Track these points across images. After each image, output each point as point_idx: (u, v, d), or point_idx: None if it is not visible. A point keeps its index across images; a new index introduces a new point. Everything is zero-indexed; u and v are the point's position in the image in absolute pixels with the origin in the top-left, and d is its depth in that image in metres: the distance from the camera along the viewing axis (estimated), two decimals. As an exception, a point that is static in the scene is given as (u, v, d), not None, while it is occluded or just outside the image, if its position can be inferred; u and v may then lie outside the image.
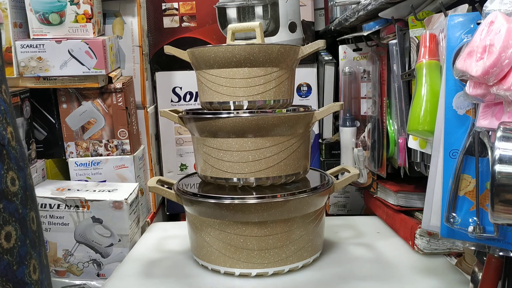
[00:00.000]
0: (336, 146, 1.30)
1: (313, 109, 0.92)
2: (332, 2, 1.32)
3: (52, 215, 1.06)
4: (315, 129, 1.36)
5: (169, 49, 0.95)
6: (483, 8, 0.59)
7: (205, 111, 0.90)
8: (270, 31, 1.32)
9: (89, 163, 1.19)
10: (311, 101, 1.36)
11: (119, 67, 1.27)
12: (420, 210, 0.99)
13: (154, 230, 1.17)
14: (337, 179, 0.97)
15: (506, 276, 0.61)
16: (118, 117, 1.19)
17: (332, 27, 1.27)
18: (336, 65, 1.31)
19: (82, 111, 1.19)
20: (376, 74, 1.08)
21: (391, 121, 1.04)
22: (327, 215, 1.18)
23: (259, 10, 1.31)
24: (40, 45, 1.09)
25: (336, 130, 1.33)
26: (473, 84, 0.58)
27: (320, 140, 1.36)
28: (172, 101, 1.38)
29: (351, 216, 1.23)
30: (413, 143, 0.82)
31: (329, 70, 1.32)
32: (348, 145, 1.19)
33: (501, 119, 0.55)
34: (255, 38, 0.96)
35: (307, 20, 1.36)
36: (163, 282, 0.87)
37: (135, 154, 1.22)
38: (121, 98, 1.18)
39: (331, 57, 1.34)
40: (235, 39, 0.99)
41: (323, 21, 1.44)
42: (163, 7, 1.35)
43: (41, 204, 1.05)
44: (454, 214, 0.64)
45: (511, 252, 0.59)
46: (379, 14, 0.93)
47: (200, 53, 0.89)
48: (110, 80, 1.17)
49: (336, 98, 1.33)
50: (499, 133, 0.52)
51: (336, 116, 1.33)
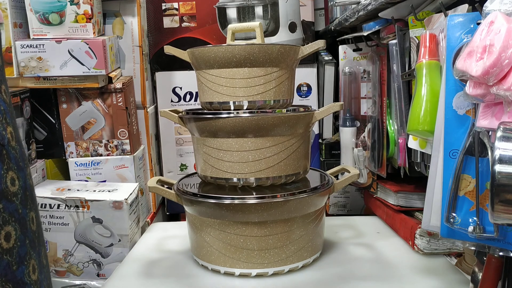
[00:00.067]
0: (336, 146, 1.30)
1: (313, 109, 0.92)
2: (332, 2, 1.32)
3: (52, 215, 1.06)
4: (315, 129, 1.36)
5: (169, 49, 0.95)
6: (483, 8, 0.59)
7: (205, 111, 0.90)
8: (270, 31, 1.32)
9: (89, 163, 1.19)
10: (311, 101, 1.36)
11: (119, 67, 1.27)
12: (420, 210, 0.99)
13: (154, 230, 1.17)
14: (337, 179, 0.97)
15: (506, 276, 0.61)
16: (118, 117, 1.19)
17: (332, 27, 1.27)
18: (336, 65, 1.31)
19: (82, 111, 1.19)
20: (376, 74, 1.08)
21: (391, 121, 1.04)
22: (327, 215, 1.18)
23: (259, 10, 1.31)
24: (40, 45, 1.09)
25: (336, 130, 1.33)
26: (473, 84, 0.58)
27: (320, 140, 1.36)
28: (172, 101, 1.38)
29: (351, 216, 1.23)
30: (413, 143, 0.82)
31: (329, 70, 1.32)
32: (348, 145, 1.19)
33: (501, 119, 0.55)
34: (255, 38, 0.96)
35: (307, 20, 1.36)
36: (163, 282, 0.87)
37: (135, 154, 1.22)
38: (121, 98, 1.18)
39: (331, 57, 1.34)
40: (235, 39, 0.99)
41: (323, 21, 1.44)
42: (163, 7, 1.35)
43: (41, 204, 1.05)
44: (454, 214, 0.64)
45: (511, 252, 0.58)
46: (379, 14, 0.93)
47: (200, 53, 0.89)
48: (110, 80, 1.17)
49: (336, 98, 1.33)
50: (499, 133, 0.52)
51: (336, 116, 1.33)
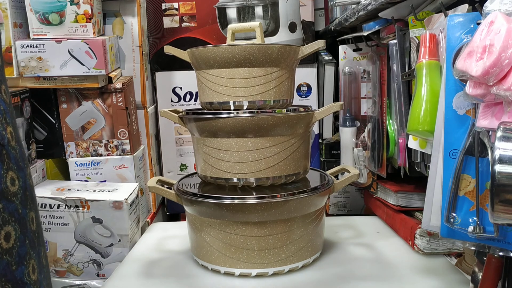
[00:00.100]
0: (336, 146, 1.30)
1: (313, 109, 0.92)
2: (332, 2, 1.32)
3: (52, 215, 1.06)
4: (315, 129, 1.36)
5: (169, 49, 0.95)
6: (483, 8, 0.59)
7: (205, 111, 0.90)
8: (270, 31, 1.32)
9: (89, 163, 1.19)
10: (311, 101, 1.36)
11: (119, 67, 1.27)
12: (420, 210, 0.99)
13: (154, 230, 1.17)
14: (337, 179, 0.97)
15: (506, 276, 0.61)
16: (118, 117, 1.19)
17: (332, 27, 1.27)
18: (336, 65, 1.31)
19: (82, 111, 1.19)
20: (376, 74, 1.08)
21: (391, 121, 1.04)
22: (327, 215, 1.18)
23: (259, 10, 1.31)
24: (40, 45, 1.09)
25: (336, 130, 1.33)
26: (473, 84, 0.58)
27: (320, 140, 1.36)
28: (172, 101, 1.38)
29: (351, 216, 1.23)
30: (413, 143, 0.82)
31: (329, 70, 1.32)
32: (348, 145, 1.19)
33: (501, 119, 0.55)
34: (255, 38, 0.96)
35: (307, 20, 1.36)
36: (163, 282, 0.87)
37: (135, 154, 1.22)
38: (121, 98, 1.18)
39: (331, 57, 1.34)
40: (235, 39, 0.99)
41: (323, 21, 1.44)
42: (163, 7, 1.35)
43: (41, 204, 1.05)
44: (454, 214, 0.64)
45: (511, 252, 0.58)
46: (379, 14, 0.93)
47: (200, 53, 0.89)
48: (110, 80, 1.17)
49: (336, 98, 1.33)
50: (499, 133, 0.52)
51: (336, 116, 1.33)
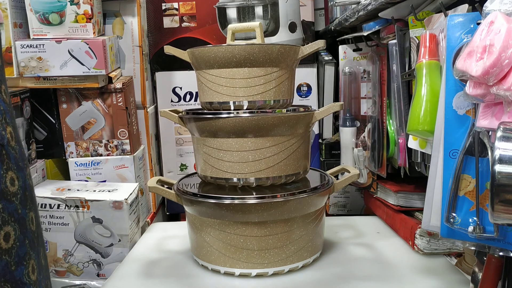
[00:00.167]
0: (336, 146, 1.30)
1: (313, 109, 0.92)
2: (332, 2, 1.32)
3: (52, 215, 1.06)
4: (315, 129, 1.36)
5: (169, 49, 0.95)
6: (483, 8, 0.59)
7: (205, 111, 0.90)
8: (270, 31, 1.32)
9: (89, 163, 1.19)
10: (311, 101, 1.36)
11: (119, 67, 1.27)
12: (420, 210, 0.99)
13: (154, 230, 1.17)
14: (337, 179, 0.97)
15: (506, 276, 0.61)
16: (118, 117, 1.19)
17: (332, 27, 1.27)
18: (336, 65, 1.31)
19: (82, 111, 1.19)
20: (376, 74, 1.08)
21: (391, 121, 1.04)
22: (327, 215, 1.18)
23: (259, 10, 1.31)
24: (40, 45, 1.09)
25: (336, 130, 1.33)
26: (473, 84, 0.58)
27: (320, 140, 1.36)
28: (172, 101, 1.38)
29: (351, 216, 1.23)
30: (413, 143, 0.82)
31: (329, 70, 1.32)
32: (348, 145, 1.18)
33: (501, 119, 0.55)
34: (255, 38, 0.96)
35: (307, 20, 1.36)
36: (163, 282, 0.87)
37: (135, 154, 1.22)
38: (121, 98, 1.18)
39: (331, 57, 1.34)
40: (235, 39, 0.99)
41: (323, 21, 1.44)
42: (163, 7, 1.35)
43: (41, 204, 1.05)
44: (454, 214, 0.64)
45: (511, 252, 0.58)
46: (379, 14, 0.93)
47: (200, 53, 0.89)
48: (110, 80, 1.17)
49: (336, 98, 1.32)
50: (499, 133, 0.52)
51: (336, 116, 1.33)
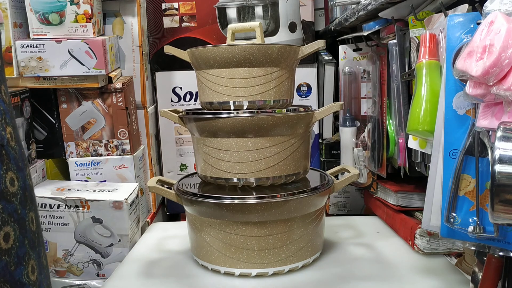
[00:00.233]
0: (336, 146, 1.30)
1: (313, 109, 0.92)
2: (332, 2, 1.32)
3: (52, 215, 1.06)
4: (315, 129, 1.36)
5: (169, 49, 0.95)
6: (483, 8, 0.59)
7: (205, 111, 0.90)
8: (270, 31, 1.32)
9: (89, 163, 1.19)
10: (311, 101, 1.36)
11: (119, 67, 1.27)
12: (420, 210, 0.99)
13: (154, 230, 1.17)
14: (337, 179, 0.97)
15: (506, 276, 0.61)
16: (118, 117, 1.19)
17: (332, 27, 1.27)
18: (336, 65, 1.31)
19: (82, 111, 1.19)
20: (376, 74, 1.08)
21: (391, 121, 1.04)
22: (327, 215, 1.18)
23: (259, 10, 1.31)
24: (40, 45, 1.09)
25: (336, 130, 1.33)
26: (473, 84, 0.58)
27: (320, 140, 1.36)
28: (172, 101, 1.38)
29: (351, 216, 1.23)
30: (413, 143, 0.82)
31: (329, 70, 1.32)
32: (348, 145, 1.18)
33: (501, 119, 0.55)
34: (255, 38, 0.96)
35: (307, 20, 1.36)
36: (163, 282, 0.87)
37: (135, 154, 1.22)
38: (121, 98, 1.18)
39: (331, 57, 1.34)
40: (235, 39, 0.99)
41: (323, 21, 1.44)
42: (163, 7, 1.35)
43: (41, 204, 1.05)
44: (454, 214, 0.64)
45: (511, 252, 0.58)
46: (379, 14, 0.93)
47: (200, 53, 0.89)
48: (110, 80, 1.17)
49: (336, 98, 1.32)
50: (499, 133, 0.52)
51: (336, 116, 1.33)
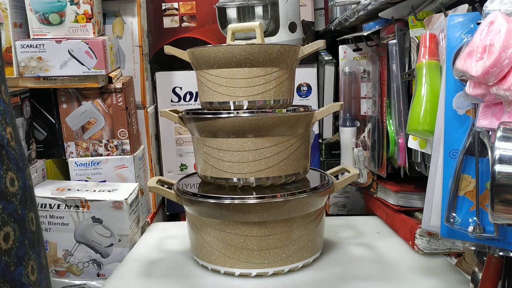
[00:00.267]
0: (336, 146, 1.30)
1: (313, 109, 0.92)
2: (332, 2, 1.32)
3: (52, 215, 1.06)
4: (315, 129, 1.36)
5: (169, 49, 0.95)
6: (483, 8, 0.59)
7: (205, 111, 0.90)
8: (270, 31, 1.32)
9: (89, 163, 1.19)
10: (311, 101, 1.36)
11: (119, 67, 1.27)
12: (420, 210, 0.99)
13: (154, 230, 1.17)
14: (337, 179, 0.97)
15: (506, 276, 0.61)
16: (118, 117, 1.19)
17: (332, 27, 1.27)
18: (336, 65, 1.31)
19: (82, 111, 1.19)
20: (376, 74, 1.08)
21: (391, 121, 1.04)
22: (327, 215, 1.18)
23: (259, 10, 1.31)
24: (40, 45, 1.09)
25: (336, 130, 1.33)
26: (473, 84, 0.58)
27: (320, 140, 1.36)
28: (172, 101, 1.38)
29: (351, 216, 1.23)
30: (413, 143, 0.82)
31: (329, 70, 1.32)
32: (348, 145, 1.18)
33: (501, 119, 0.55)
34: (255, 38, 0.96)
35: (307, 20, 1.36)
36: (163, 282, 0.87)
37: (135, 154, 1.22)
38: (121, 98, 1.18)
39: (331, 57, 1.34)
40: (235, 39, 0.99)
41: (323, 21, 1.44)
42: (163, 7, 1.35)
43: (41, 204, 1.05)
44: (454, 214, 0.64)
45: (511, 252, 0.58)
46: (379, 14, 0.93)
47: (200, 53, 0.89)
48: (110, 80, 1.17)
49: (336, 98, 1.32)
50: (499, 133, 0.52)
51: (336, 116, 1.33)
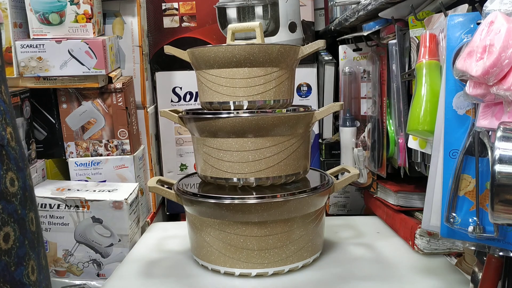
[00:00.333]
0: (336, 146, 1.30)
1: (313, 109, 0.92)
2: (332, 2, 1.32)
3: (52, 215, 1.06)
4: (315, 129, 1.36)
5: (169, 49, 0.95)
6: (483, 8, 0.59)
7: (205, 111, 0.90)
8: (270, 31, 1.32)
9: (89, 163, 1.19)
10: (311, 101, 1.36)
11: (119, 67, 1.27)
12: (420, 210, 0.99)
13: (154, 230, 1.17)
14: (337, 179, 0.97)
15: (506, 276, 0.61)
16: (118, 117, 1.19)
17: (332, 27, 1.27)
18: (336, 65, 1.31)
19: (82, 111, 1.19)
20: (376, 74, 1.08)
21: (391, 121, 1.04)
22: (327, 215, 1.18)
23: (259, 10, 1.31)
24: (40, 45, 1.09)
25: (336, 130, 1.33)
26: (473, 84, 0.58)
27: (320, 140, 1.36)
28: (172, 101, 1.38)
29: (351, 216, 1.23)
30: (413, 143, 0.82)
31: (329, 70, 1.32)
32: (348, 145, 1.18)
33: (501, 119, 0.55)
34: (255, 38, 0.96)
35: (307, 20, 1.36)
36: (163, 282, 0.87)
37: (135, 154, 1.22)
38: (121, 98, 1.18)
39: (331, 57, 1.34)
40: (235, 39, 0.99)
41: (323, 21, 1.44)
42: (163, 7, 1.35)
43: (41, 204, 1.05)
44: (454, 214, 0.64)
45: (511, 252, 0.58)
46: (379, 14, 0.93)
47: (200, 53, 0.89)
48: (110, 80, 1.17)
49: (336, 98, 1.32)
50: (499, 133, 0.52)
51: (336, 116, 1.33)
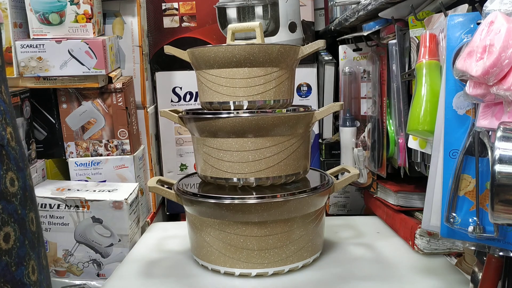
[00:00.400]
0: (336, 146, 1.30)
1: (313, 109, 0.92)
2: (332, 2, 1.32)
3: (52, 215, 1.06)
4: (315, 129, 1.36)
5: (169, 49, 0.95)
6: (483, 8, 0.59)
7: (205, 111, 0.90)
8: (270, 31, 1.32)
9: (89, 163, 1.19)
10: (311, 101, 1.36)
11: (119, 67, 1.27)
12: (420, 210, 0.99)
13: (154, 230, 1.17)
14: (337, 179, 0.97)
15: (506, 276, 0.61)
16: (118, 117, 1.19)
17: (332, 27, 1.27)
18: (336, 65, 1.31)
19: (82, 111, 1.19)
20: (376, 74, 1.08)
21: (391, 121, 1.04)
22: (327, 215, 1.18)
23: (259, 10, 1.31)
24: (40, 45, 1.09)
25: (336, 130, 1.33)
26: (473, 84, 0.58)
27: (320, 140, 1.36)
28: (172, 101, 1.38)
29: (351, 216, 1.23)
30: (413, 143, 0.82)
31: (329, 70, 1.32)
32: (348, 145, 1.18)
33: (501, 119, 0.55)
34: (255, 38, 0.96)
35: (307, 20, 1.36)
36: (163, 282, 0.87)
37: (135, 154, 1.22)
38: (121, 98, 1.18)
39: (331, 57, 1.34)
40: (235, 39, 0.99)
41: (323, 21, 1.44)
42: (163, 7, 1.35)
43: (41, 204, 1.05)
44: (454, 214, 0.64)
45: (511, 252, 0.58)
46: (379, 14, 0.93)
47: (200, 53, 0.89)
48: (110, 80, 1.17)
49: (336, 98, 1.32)
50: (499, 133, 0.52)
51: (336, 116, 1.33)
